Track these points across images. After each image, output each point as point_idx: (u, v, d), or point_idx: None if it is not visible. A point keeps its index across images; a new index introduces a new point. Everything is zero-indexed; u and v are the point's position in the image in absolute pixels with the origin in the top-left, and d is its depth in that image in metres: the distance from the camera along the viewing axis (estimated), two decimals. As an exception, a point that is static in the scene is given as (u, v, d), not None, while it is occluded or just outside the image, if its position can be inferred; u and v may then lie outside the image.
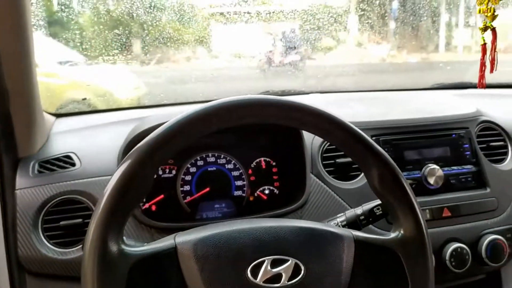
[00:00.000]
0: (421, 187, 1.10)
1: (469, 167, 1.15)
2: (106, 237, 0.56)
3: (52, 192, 0.95)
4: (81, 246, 0.93)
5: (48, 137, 1.10)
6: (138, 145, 0.59)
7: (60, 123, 1.19)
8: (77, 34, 1.62)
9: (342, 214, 0.85)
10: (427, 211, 1.08)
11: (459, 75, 1.80)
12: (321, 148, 1.09)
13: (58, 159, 1.02)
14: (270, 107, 0.62)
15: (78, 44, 1.63)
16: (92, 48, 1.65)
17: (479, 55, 0.91)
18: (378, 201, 0.83)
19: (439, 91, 1.57)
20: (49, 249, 0.93)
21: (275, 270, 0.60)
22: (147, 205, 1.04)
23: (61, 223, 0.94)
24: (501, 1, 0.85)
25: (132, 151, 0.59)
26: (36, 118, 1.01)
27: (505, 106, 1.37)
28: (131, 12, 1.73)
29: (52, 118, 1.21)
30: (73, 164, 1.01)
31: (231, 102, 0.61)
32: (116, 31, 1.67)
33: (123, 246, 0.58)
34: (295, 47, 1.84)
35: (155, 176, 1.04)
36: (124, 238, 0.60)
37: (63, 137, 1.10)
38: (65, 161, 1.01)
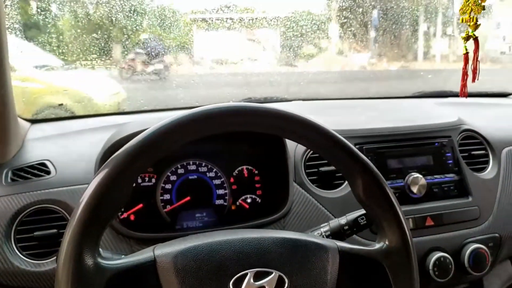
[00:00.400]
0: (404, 196, 1.09)
1: (451, 175, 1.15)
2: (81, 249, 0.54)
3: (26, 201, 0.92)
4: (55, 257, 0.89)
5: (22, 143, 1.06)
6: (116, 153, 0.57)
7: (35, 129, 1.15)
8: (55, 38, 1.58)
9: (326, 224, 0.83)
10: (410, 220, 1.07)
11: (439, 83, 1.82)
12: (304, 157, 1.07)
13: (32, 166, 0.98)
14: (252, 115, 0.61)
15: (56, 48, 1.59)
16: (70, 52, 1.61)
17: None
18: (362, 211, 0.82)
19: (420, 99, 1.58)
20: (22, 261, 0.89)
21: (258, 283, 0.58)
22: (125, 215, 1.01)
23: (35, 233, 0.90)
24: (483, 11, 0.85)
25: (109, 159, 0.56)
26: (10, 124, 0.97)
27: (485, 114, 1.38)
28: (110, 16, 1.70)
29: (27, 124, 1.16)
30: (48, 172, 0.97)
31: (213, 110, 0.59)
32: (95, 35, 1.63)
33: (99, 259, 0.56)
34: (157, 56, 1.85)
35: (134, 184, 1.01)
36: (101, 250, 0.57)
37: (38, 144, 1.06)
38: (40, 168, 0.97)
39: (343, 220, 0.82)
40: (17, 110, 1.03)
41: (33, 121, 1.19)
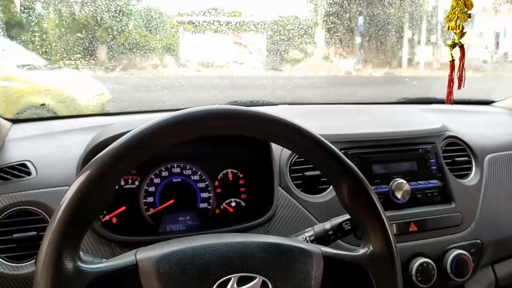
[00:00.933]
0: (388, 201, 1.10)
1: (435, 181, 1.16)
2: (61, 252, 0.52)
3: (5, 202, 0.89)
4: (34, 260, 0.87)
5: (2, 143, 1.04)
6: (99, 154, 0.55)
7: (16, 129, 1.12)
8: (38, 37, 1.55)
9: (310, 228, 0.83)
10: (394, 225, 1.08)
11: (423, 90, 1.84)
12: (290, 161, 1.07)
13: (12, 167, 0.96)
14: (238, 118, 0.60)
15: (39, 47, 1.56)
16: (54, 52, 1.58)
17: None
18: (347, 216, 0.82)
19: (405, 106, 1.59)
20: (0, 264, 0.87)
21: None
22: (107, 217, 0.99)
23: (14, 236, 0.88)
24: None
25: (92, 160, 0.55)
26: None
27: (468, 121, 1.40)
28: (95, 16, 1.68)
29: (8, 123, 1.14)
30: (29, 173, 0.95)
31: (198, 112, 0.59)
32: (80, 35, 1.61)
33: (79, 263, 0.54)
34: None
35: (116, 187, 1.00)
36: (81, 253, 0.56)
37: (18, 144, 1.04)
38: (20, 169, 0.95)
39: (327, 225, 0.82)
40: (-2, 110, 1.01)
41: (14, 121, 1.17)
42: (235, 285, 0.57)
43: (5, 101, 1.35)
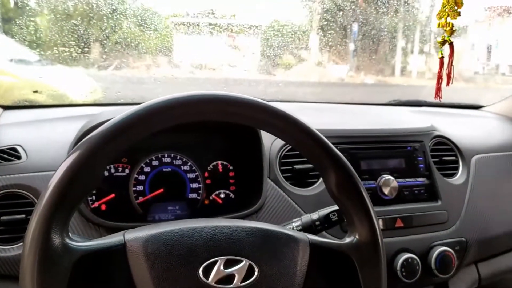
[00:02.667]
0: (376, 197, 1.11)
1: (422, 179, 1.18)
2: (49, 229, 0.53)
3: None
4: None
5: None
6: (89, 135, 0.56)
7: (8, 115, 1.13)
8: (31, 32, 1.56)
9: (298, 219, 0.84)
10: (381, 221, 1.09)
11: (414, 96, 1.86)
12: (280, 154, 1.08)
13: (2, 151, 0.96)
14: (227, 104, 0.61)
15: (31, 42, 1.57)
16: (47, 48, 1.58)
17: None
18: (334, 207, 0.83)
19: (395, 107, 1.61)
20: None
21: (228, 270, 0.58)
22: (96, 204, 0.99)
23: (2, 218, 0.88)
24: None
25: (82, 141, 0.56)
26: None
27: (456, 123, 1.42)
28: (89, 13, 1.68)
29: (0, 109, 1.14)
30: (19, 157, 0.95)
31: (192, 96, 0.60)
32: (73, 32, 1.61)
33: (67, 240, 0.55)
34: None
35: (106, 173, 1.00)
36: (70, 233, 0.56)
37: (9, 129, 1.04)
38: (10, 153, 0.95)
39: (314, 215, 0.83)
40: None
41: (6, 107, 1.17)
42: (222, 267, 0.58)
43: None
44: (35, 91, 1.37)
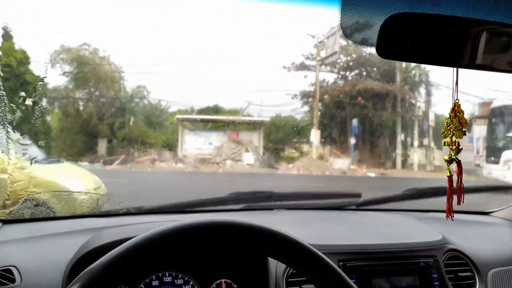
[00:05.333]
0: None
1: None
2: None
3: None
4: None
5: None
6: (90, 267, 0.55)
7: (6, 230, 1.10)
8: (40, 131, 1.58)
9: None
10: None
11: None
12: (286, 273, 1.03)
13: None
14: (236, 233, 0.61)
15: (39, 139, 1.59)
16: (54, 146, 1.60)
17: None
18: None
19: (401, 213, 1.58)
20: None
21: None
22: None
23: None
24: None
25: (83, 273, 0.55)
26: None
27: (468, 233, 1.38)
28: (99, 113, 1.73)
29: (-1, 224, 1.11)
30: (13, 280, 0.90)
31: (199, 224, 0.59)
32: (82, 132, 1.64)
33: None
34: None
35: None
36: None
37: (6, 248, 1.01)
38: (4, 275, 0.91)
39: None
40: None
41: (5, 222, 1.14)
42: None
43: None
44: (36, 205, 1.35)
